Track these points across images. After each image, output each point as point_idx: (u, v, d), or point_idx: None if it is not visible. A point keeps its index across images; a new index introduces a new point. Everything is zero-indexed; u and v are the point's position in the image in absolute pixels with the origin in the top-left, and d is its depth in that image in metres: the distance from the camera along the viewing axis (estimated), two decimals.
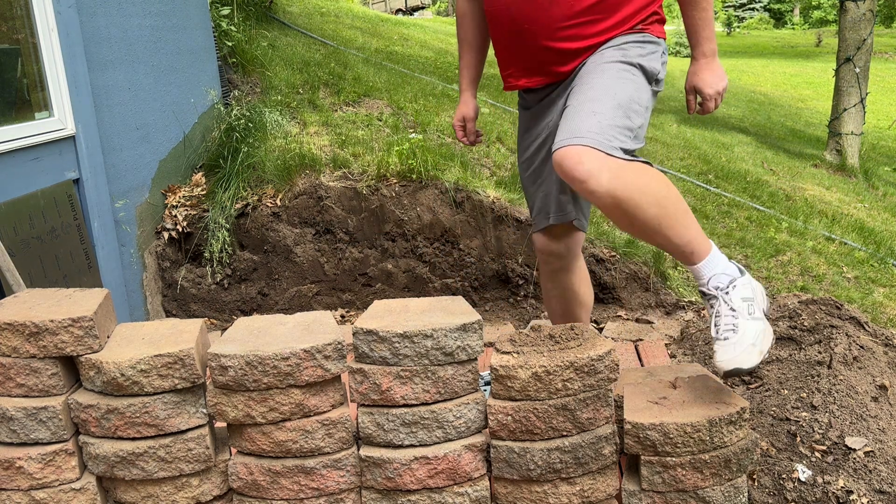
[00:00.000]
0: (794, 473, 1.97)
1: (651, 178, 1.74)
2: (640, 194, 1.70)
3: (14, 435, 1.72)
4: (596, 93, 1.80)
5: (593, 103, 1.78)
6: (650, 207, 1.72)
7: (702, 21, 1.92)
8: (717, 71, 1.96)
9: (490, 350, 1.87)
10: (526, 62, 1.98)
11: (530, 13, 1.88)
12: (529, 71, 1.99)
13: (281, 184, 3.81)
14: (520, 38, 1.93)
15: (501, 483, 1.82)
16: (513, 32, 1.94)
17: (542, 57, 1.94)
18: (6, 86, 2.79)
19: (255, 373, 1.68)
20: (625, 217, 1.74)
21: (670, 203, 1.75)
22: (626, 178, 1.69)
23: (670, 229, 1.76)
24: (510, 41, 1.98)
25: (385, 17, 9.52)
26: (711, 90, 1.96)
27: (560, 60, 1.93)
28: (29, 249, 2.70)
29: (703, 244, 1.81)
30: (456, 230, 3.72)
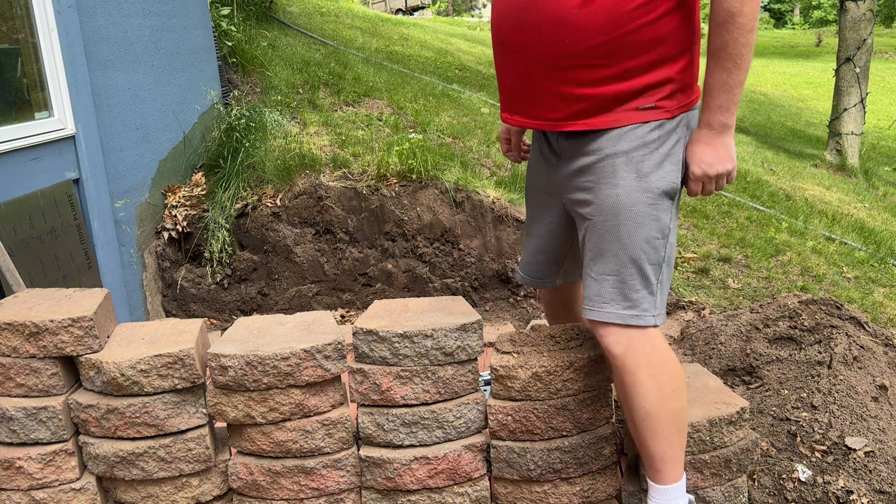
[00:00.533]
0: (794, 473, 1.97)
1: (669, 375, 1.62)
2: (648, 378, 1.60)
3: (14, 435, 1.72)
4: (613, 248, 1.59)
5: (613, 262, 1.59)
6: (647, 399, 1.61)
7: (721, 85, 1.52)
8: (718, 150, 1.57)
9: (490, 350, 1.87)
10: (510, 91, 1.67)
11: (520, 40, 1.57)
12: (511, 103, 1.69)
13: (281, 184, 3.81)
14: (507, 64, 1.64)
15: (501, 483, 1.82)
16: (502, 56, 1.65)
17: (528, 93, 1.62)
18: (6, 86, 2.79)
19: (255, 373, 1.68)
20: (621, 387, 1.64)
21: (670, 409, 1.62)
22: (641, 355, 1.60)
23: (653, 433, 1.63)
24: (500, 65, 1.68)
25: (385, 16, 9.52)
26: (699, 170, 1.59)
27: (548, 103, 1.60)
28: (29, 249, 2.70)
29: (674, 471, 1.67)
30: (456, 230, 3.72)
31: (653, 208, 1.58)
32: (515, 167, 4.17)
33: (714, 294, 3.44)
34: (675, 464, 1.66)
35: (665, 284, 1.63)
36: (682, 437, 1.66)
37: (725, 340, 2.65)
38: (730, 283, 3.54)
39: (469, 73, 6.57)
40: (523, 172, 4.07)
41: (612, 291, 1.59)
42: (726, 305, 3.33)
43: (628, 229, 1.58)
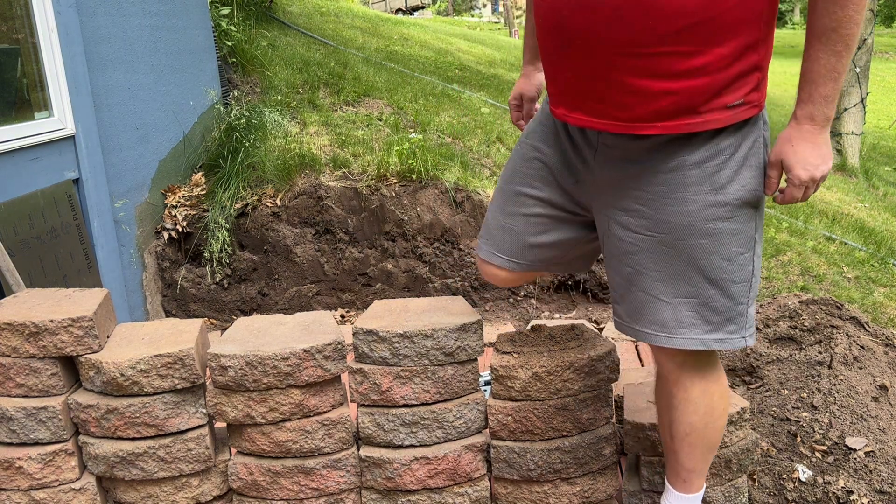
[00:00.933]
0: (794, 473, 1.96)
1: (720, 394, 1.56)
2: (700, 395, 1.53)
3: (14, 435, 1.72)
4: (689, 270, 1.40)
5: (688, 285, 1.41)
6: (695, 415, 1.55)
7: (829, 72, 1.30)
8: (821, 148, 1.34)
9: (490, 350, 1.87)
10: (571, 87, 1.42)
11: (587, 24, 1.31)
12: (567, 97, 1.44)
13: (281, 184, 3.80)
14: (567, 52, 1.37)
15: (501, 483, 1.82)
16: (560, 44, 1.38)
17: (594, 87, 1.37)
18: (6, 86, 2.79)
19: (254, 373, 1.68)
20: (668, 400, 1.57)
21: (713, 427, 1.57)
22: (697, 371, 1.51)
23: (691, 448, 1.58)
24: (555, 54, 1.42)
25: (385, 16, 9.52)
26: (806, 174, 1.34)
27: (620, 100, 1.34)
28: (29, 249, 2.70)
29: (699, 482, 1.65)
30: (456, 230, 3.72)
31: (733, 222, 1.39)
32: None
33: None
34: (702, 475, 1.64)
35: (754, 300, 1.47)
36: (714, 452, 1.63)
37: None
38: None
39: (469, 72, 6.56)
40: None
41: (691, 315, 1.42)
42: None
43: (705, 249, 1.39)
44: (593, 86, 1.37)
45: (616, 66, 1.31)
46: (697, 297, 1.41)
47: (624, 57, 1.30)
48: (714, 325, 1.42)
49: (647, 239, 1.43)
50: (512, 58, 8.23)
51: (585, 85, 1.38)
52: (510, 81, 6.56)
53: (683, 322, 1.43)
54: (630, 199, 1.43)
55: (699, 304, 1.41)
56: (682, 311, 1.42)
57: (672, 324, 1.43)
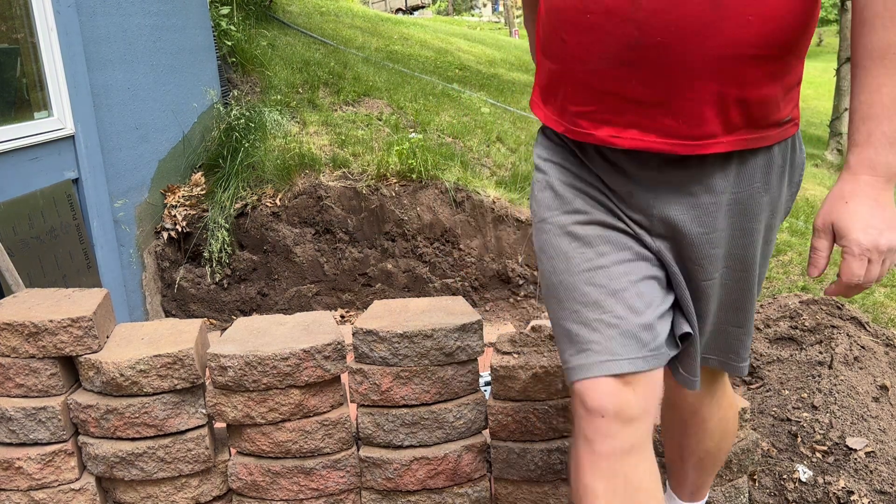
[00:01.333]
0: (794, 474, 1.96)
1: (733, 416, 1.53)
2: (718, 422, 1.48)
3: (13, 435, 1.72)
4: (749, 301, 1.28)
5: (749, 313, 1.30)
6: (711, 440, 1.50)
7: (892, 99, 1.01)
8: (885, 208, 1.03)
9: (490, 350, 1.87)
10: (628, 100, 1.12)
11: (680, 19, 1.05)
12: (623, 117, 1.14)
13: (280, 184, 3.80)
14: (638, 56, 1.09)
15: (502, 484, 1.82)
16: (624, 46, 1.09)
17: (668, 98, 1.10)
18: (5, 86, 2.79)
19: (254, 373, 1.68)
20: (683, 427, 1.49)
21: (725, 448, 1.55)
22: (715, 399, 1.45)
23: (703, 469, 1.55)
24: (610, 60, 1.11)
25: (385, 16, 9.52)
26: (867, 239, 1.03)
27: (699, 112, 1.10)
28: (28, 249, 2.70)
29: (705, 491, 1.64)
30: (456, 230, 3.71)
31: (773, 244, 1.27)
32: (516, 167, 4.16)
33: None
34: (707, 488, 1.64)
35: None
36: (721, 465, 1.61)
37: None
38: None
39: (469, 72, 6.56)
40: (524, 172, 4.06)
41: (739, 343, 1.33)
42: None
43: (760, 275, 1.27)
44: (667, 97, 1.10)
45: (708, 70, 1.07)
46: (748, 324, 1.30)
47: (720, 60, 1.07)
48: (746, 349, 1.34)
49: (730, 279, 1.24)
50: (512, 57, 8.23)
51: (655, 96, 1.11)
52: (510, 81, 6.56)
53: (748, 346, 1.34)
54: (704, 244, 1.21)
55: (746, 332, 1.32)
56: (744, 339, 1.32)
57: (744, 352, 1.33)
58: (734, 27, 1.04)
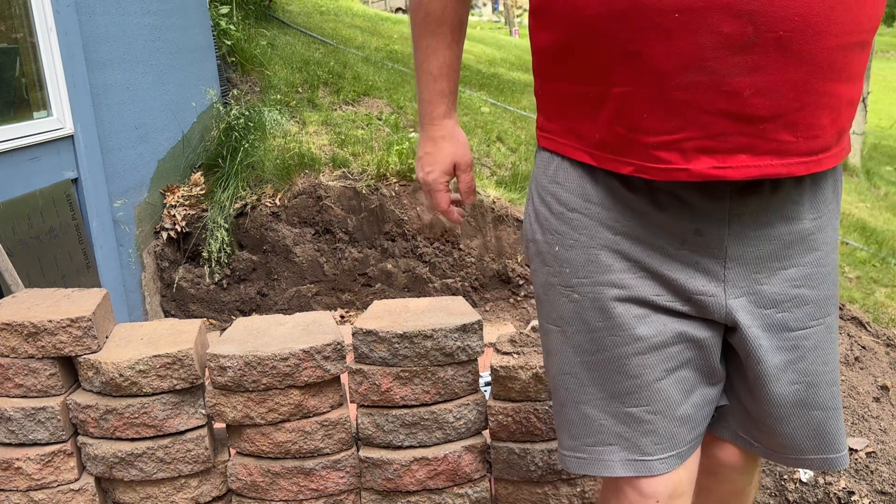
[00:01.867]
0: (795, 474, 1.96)
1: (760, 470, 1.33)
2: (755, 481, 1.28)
3: (12, 435, 1.71)
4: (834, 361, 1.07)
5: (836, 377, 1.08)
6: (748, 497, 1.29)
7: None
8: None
9: (490, 350, 1.86)
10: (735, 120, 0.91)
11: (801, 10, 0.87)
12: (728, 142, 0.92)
13: (280, 183, 3.80)
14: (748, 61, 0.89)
15: (502, 484, 1.82)
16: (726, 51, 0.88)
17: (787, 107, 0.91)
18: (4, 85, 2.78)
19: (254, 373, 1.67)
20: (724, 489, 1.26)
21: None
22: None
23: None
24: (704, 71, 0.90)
25: (385, 15, 9.51)
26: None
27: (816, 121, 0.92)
28: (27, 249, 2.69)
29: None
30: (456, 230, 3.71)
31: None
32: (517, 166, 4.16)
33: None
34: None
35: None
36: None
37: None
38: None
39: (469, 72, 6.56)
40: (524, 171, 4.06)
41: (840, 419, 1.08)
42: None
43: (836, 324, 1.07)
44: (784, 107, 0.90)
45: (824, 66, 0.89)
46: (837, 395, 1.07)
47: (837, 51, 0.89)
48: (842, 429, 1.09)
49: (814, 332, 1.03)
50: (512, 57, 8.22)
51: (771, 108, 0.90)
52: (510, 81, 6.55)
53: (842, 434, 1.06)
54: (785, 285, 1.02)
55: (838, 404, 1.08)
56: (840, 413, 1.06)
57: (842, 437, 1.06)
58: (854, 8, 0.89)
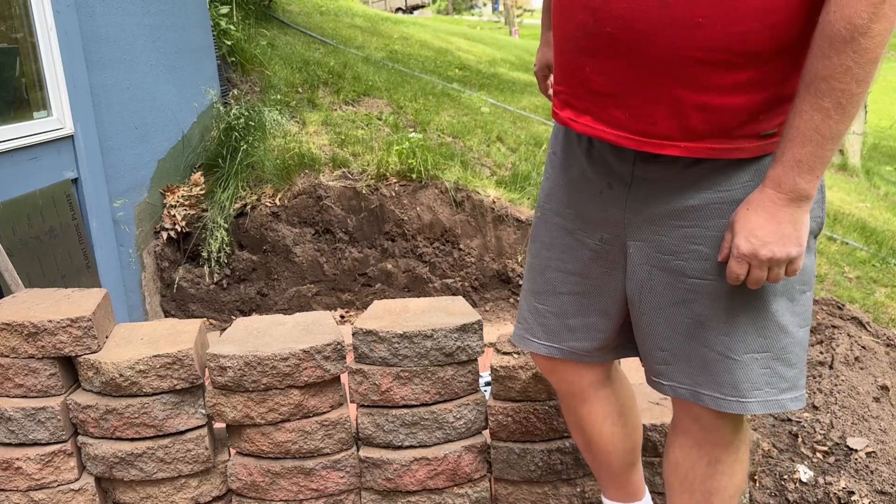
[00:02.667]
0: (795, 474, 1.96)
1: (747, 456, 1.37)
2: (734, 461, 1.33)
3: (12, 435, 1.71)
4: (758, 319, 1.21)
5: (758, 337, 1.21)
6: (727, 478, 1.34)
7: (811, 132, 1.04)
8: (782, 224, 1.09)
9: (490, 350, 1.86)
10: (586, 87, 1.19)
11: (634, 12, 1.08)
12: (581, 102, 1.21)
13: (280, 183, 3.80)
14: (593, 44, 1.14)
15: (502, 484, 1.82)
16: (584, 32, 1.14)
17: (618, 91, 1.15)
18: (4, 85, 2.78)
19: (254, 373, 1.67)
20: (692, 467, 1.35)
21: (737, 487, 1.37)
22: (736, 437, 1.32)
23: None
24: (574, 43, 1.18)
25: (385, 15, 9.51)
26: (746, 246, 1.11)
27: (647, 111, 1.14)
28: (27, 249, 2.69)
29: None
30: (456, 230, 3.71)
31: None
32: (517, 166, 4.16)
33: None
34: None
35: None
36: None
37: None
38: None
39: (469, 72, 6.56)
40: (524, 171, 4.06)
41: (765, 373, 1.20)
42: None
43: (774, 291, 1.19)
44: (618, 90, 1.14)
45: (658, 69, 1.09)
46: (770, 350, 1.20)
47: (671, 61, 1.08)
48: (789, 381, 1.21)
49: (708, 284, 1.19)
50: (512, 57, 8.22)
51: (607, 87, 1.15)
52: (510, 81, 6.55)
53: (757, 382, 1.20)
54: (683, 240, 1.20)
55: (773, 357, 1.20)
56: (754, 368, 1.20)
57: (745, 385, 1.20)
58: (683, 28, 1.05)
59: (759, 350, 1.20)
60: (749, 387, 1.20)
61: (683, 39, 1.06)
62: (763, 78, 1.09)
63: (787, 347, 1.20)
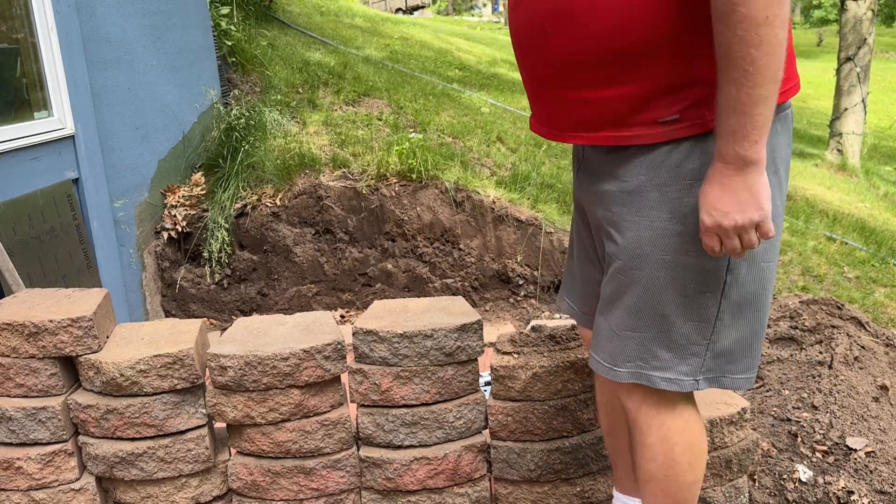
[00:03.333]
0: (794, 474, 1.96)
1: (686, 445, 1.37)
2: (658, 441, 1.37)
3: (13, 435, 1.72)
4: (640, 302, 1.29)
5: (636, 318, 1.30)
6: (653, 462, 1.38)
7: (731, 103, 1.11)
8: (738, 193, 1.14)
9: (490, 350, 1.87)
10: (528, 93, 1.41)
11: (517, 29, 1.31)
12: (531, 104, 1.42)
13: (280, 183, 3.80)
14: (514, 45, 1.36)
15: (502, 483, 1.82)
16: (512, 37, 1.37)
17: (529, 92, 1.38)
18: (5, 85, 2.79)
19: (254, 373, 1.68)
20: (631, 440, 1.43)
21: (678, 481, 1.39)
22: (656, 416, 1.36)
23: (653, 497, 1.41)
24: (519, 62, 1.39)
25: (385, 16, 9.52)
26: (709, 219, 1.17)
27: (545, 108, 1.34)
28: (28, 249, 2.69)
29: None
30: (456, 230, 3.72)
31: (693, 256, 1.24)
32: (516, 166, 4.16)
33: None
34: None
35: (723, 340, 1.29)
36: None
37: None
38: None
39: (469, 72, 6.56)
40: (524, 171, 4.07)
41: (639, 350, 1.30)
42: None
43: (659, 282, 1.26)
44: (530, 92, 1.36)
45: (542, 74, 1.28)
46: (646, 332, 1.29)
47: (548, 65, 1.26)
48: (663, 361, 1.30)
49: (613, 265, 1.31)
50: (512, 57, 8.22)
51: (527, 89, 1.38)
52: (510, 81, 6.56)
53: (629, 355, 1.32)
54: (602, 221, 1.34)
55: (649, 338, 1.29)
56: (630, 344, 1.31)
57: (620, 357, 1.32)
58: (543, 38, 1.24)
59: (636, 330, 1.31)
60: (623, 359, 1.33)
61: (550, 47, 1.23)
62: (633, 71, 1.19)
63: (667, 333, 1.29)
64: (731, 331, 1.29)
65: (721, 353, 1.30)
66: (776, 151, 1.25)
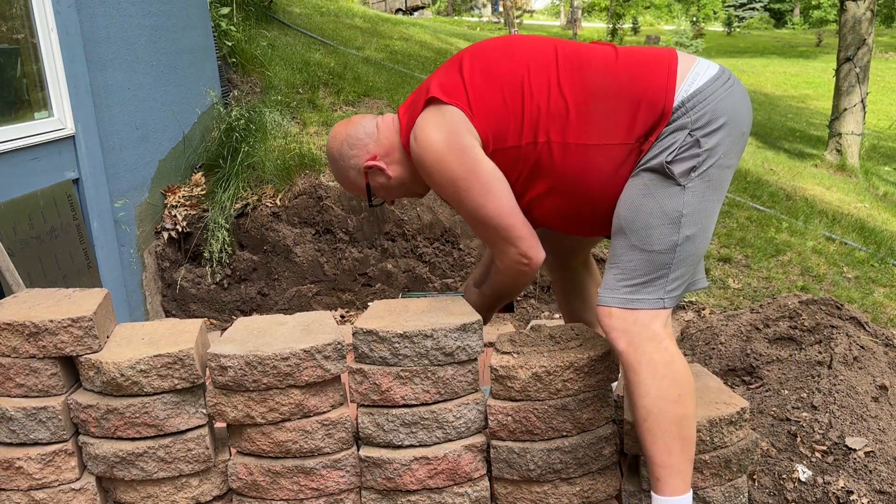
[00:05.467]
0: (794, 474, 1.96)
1: (672, 379, 1.60)
2: (649, 377, 1.60)
3: (13, 435, 1.72)
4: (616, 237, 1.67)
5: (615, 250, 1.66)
6: (646, 398, 1.60)
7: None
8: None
9: (490, 350, 1.87)
10: None
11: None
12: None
13: (281, 184, 3.80)
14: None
15: (501, 483, 1.82)
16: None
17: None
18: (6, 86, 2.79)
19: (254, 373, 1.68)
20: (626, 384, 1.65)
21: (670, 413, 1.59)
22: (644, 353, 1.60)
23: (652, 436, 1.61)
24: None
25: (385, 16, 9.52)
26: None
27: None
28: (28, 249, 2.70)
29: (674, 482, 1.61)
30: (456, 230, 3.72)
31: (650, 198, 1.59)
32: None
33: (714, 294, 3.44)
34: (675, 475, 1.60)
35: (683, 268, 1.62)
36: (685, 447, 1.60)
37: (726, 340, 2.65)
38: (730, 283, 3.54)
39: None
40: None
41: (614, 277, 1.64)
42: (726, 305, 3.33)
43: (626, 219, 1.63)
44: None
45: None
46: (619, 262, 1.63)
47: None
48: (633, 286, 1.61)
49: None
50: None
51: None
52: None
53: (608, 284, 1.64)
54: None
55: (621, 267, 1.62)
56: (609, 273, 1.64)
57: (603, 287, 1.65)
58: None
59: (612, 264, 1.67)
60: (604, 288, 1.66)
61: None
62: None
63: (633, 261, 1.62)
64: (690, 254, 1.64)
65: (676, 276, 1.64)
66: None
